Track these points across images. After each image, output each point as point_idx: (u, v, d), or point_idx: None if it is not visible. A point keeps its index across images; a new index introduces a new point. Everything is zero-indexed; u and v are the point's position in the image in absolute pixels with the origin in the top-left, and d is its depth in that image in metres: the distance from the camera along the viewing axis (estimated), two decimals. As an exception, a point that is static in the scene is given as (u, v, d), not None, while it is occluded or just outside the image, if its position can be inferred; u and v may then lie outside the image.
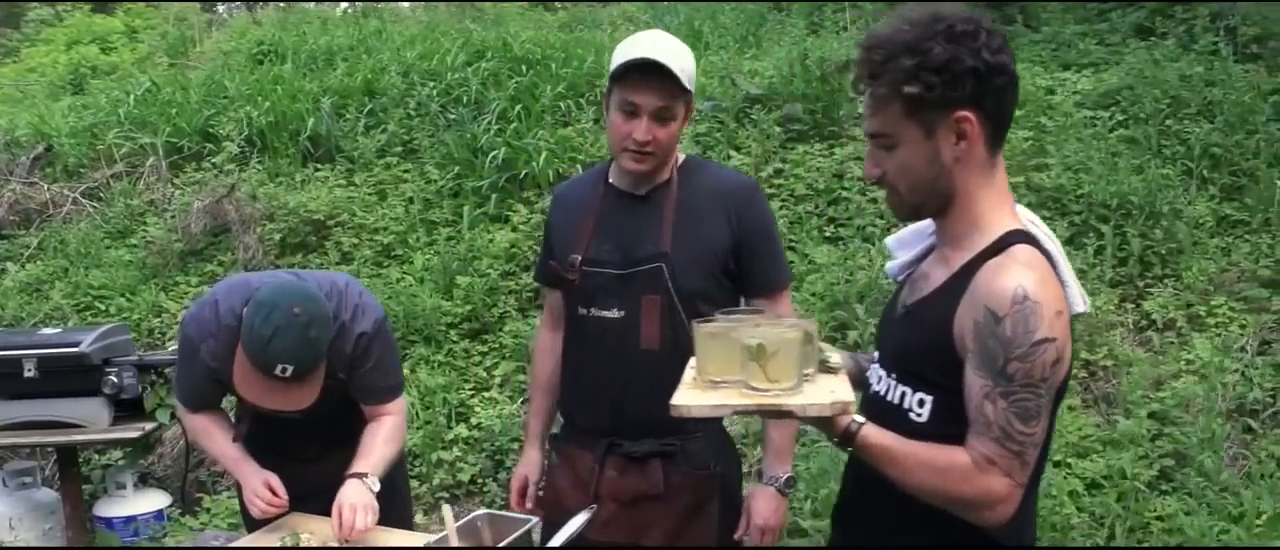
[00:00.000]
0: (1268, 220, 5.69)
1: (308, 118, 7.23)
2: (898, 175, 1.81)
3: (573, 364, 2.72)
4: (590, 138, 6.66)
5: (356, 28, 9.94)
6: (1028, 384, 1.66)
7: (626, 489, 2.59)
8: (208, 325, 2.68)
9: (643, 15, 10.48)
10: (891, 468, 1.75)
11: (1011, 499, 1.70)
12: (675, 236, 2.53)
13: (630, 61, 2.41)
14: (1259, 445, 4.38)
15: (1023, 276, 1.68)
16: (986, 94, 1.74)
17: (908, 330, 1.89)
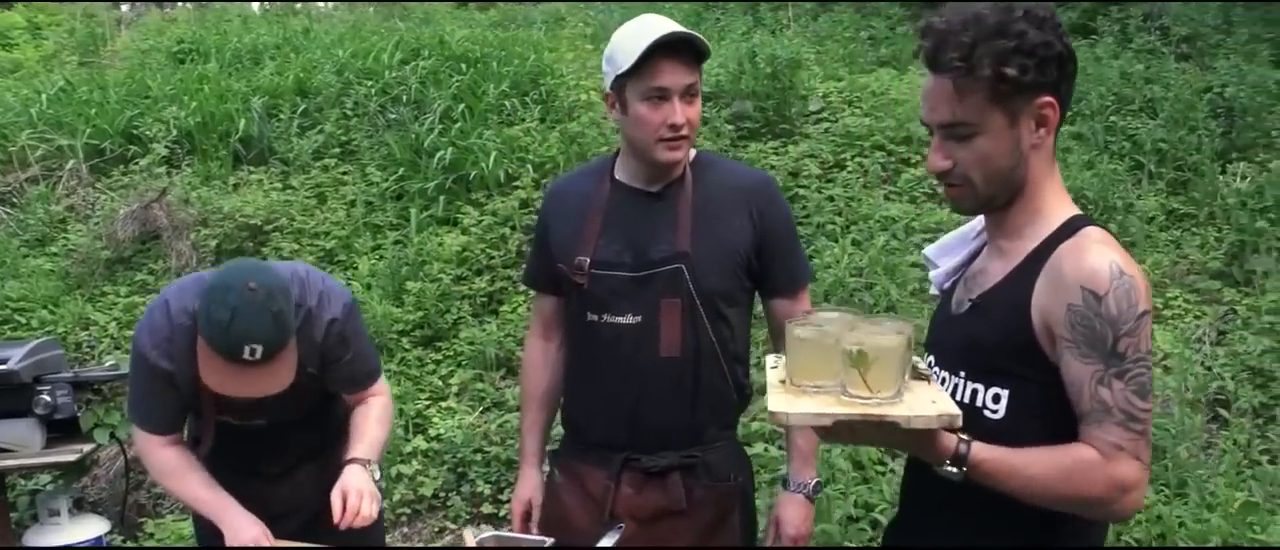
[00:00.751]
0: (1212, 213, 5.79)
1: (238, 119, 6.95)
2: (974, 165, 1.73)
3: (581, 375, 2.53)
4: (538, 137, 6.50)
5: (281, 26, 9.62)
6: (1138, 358, 1.61)
7: (645, 506, 2.43)
8: (160, 330, 2.44)
9: (575, 15, 10.34)
10: (1011, 481, 1.64)
11: (1142, 484, 1.62)
12: (695, 235, 2.37)
13: (655, 43, 2.25)
14: (1227, 434, 4.41)
15: (1111, 254, 1.64)
16: (1063, 80, 1.71)
17: (976, 324, 1.80)
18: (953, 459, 1.63)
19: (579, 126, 6.47)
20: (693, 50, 2.31)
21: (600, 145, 6.39)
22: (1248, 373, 4.69)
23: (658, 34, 2.26)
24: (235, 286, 2.26)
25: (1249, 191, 5.72)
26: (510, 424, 4.73)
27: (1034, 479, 1.63)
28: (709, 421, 2.46)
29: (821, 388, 1.69)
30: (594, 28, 9.12)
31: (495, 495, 4.55)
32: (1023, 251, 1.75)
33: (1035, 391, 1.69)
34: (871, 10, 9.27)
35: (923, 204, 6.00)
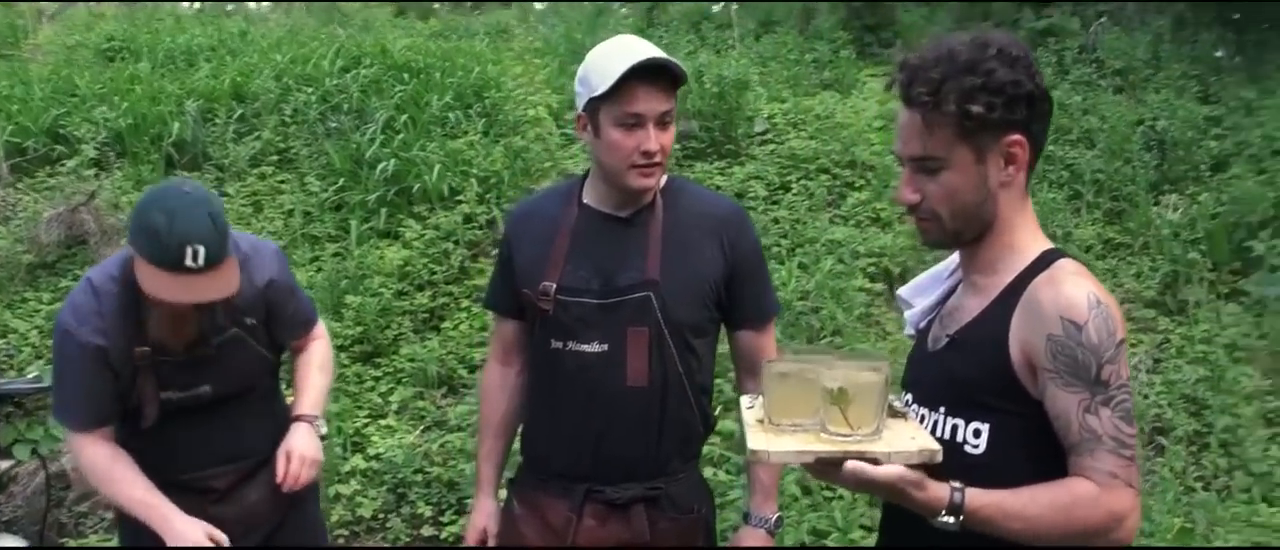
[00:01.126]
0: (1146, 243, 5.93)
1: (171, 121, 6.76)
2: (941, 200, 1.73)
3: (544, 403, 2.45)
4: (482, 152, 6.42)
5: (215, 28, 9.42)
6: (1121, 385, 1.61)
7: (608, 538, 2.37)
8: (85, 305, 2.32)
9: (519, 25, 10.30)
10: (1011, 525, 1.61)
11: (1136, 510, 1.60)
12: (664, 263, 2.32)
13: (631, 69, 2.19)
14: (1163, 462, 4.49)
15: (1088, 284, 1.65)
16: (1035, 119, 1.70)
17: (954, 360, 1.79)
18: (948, 508, 1.59)
19: (524, 142, 6.41)
20: (670, 76, 2.26)
21: (545, 161, 6.35)
22: (1182, 401, 4.79)
23: (636, 58, 2.20)
24: (169, 192, 2.21)
25: (1181, 223, 5.87)
26: (452, 444, 4.64)
27: (1034, 519, 1.60)
28: (673, 453, 2.41)
29: (800, 426, 1.67)
30: (540, 41, 9.06)
31: (436, 517, 4.46)
32: (998, 286, 1.74)
33: (1016, 425, 1.69)
34: (815, 33, 9.36)
35: (867, 228, 6.06)
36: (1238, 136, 6.85)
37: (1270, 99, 7.47)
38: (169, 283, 2.17)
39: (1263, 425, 4.86)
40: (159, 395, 2.40)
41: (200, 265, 2.16)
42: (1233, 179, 6.26)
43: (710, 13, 11.57)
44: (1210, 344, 5.03)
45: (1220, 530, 4.11)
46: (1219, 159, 6.60)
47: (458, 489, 4.46)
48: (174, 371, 2.41)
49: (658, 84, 2.24)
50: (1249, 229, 5.82)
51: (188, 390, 2.44)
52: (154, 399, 2.41)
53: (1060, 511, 1.59)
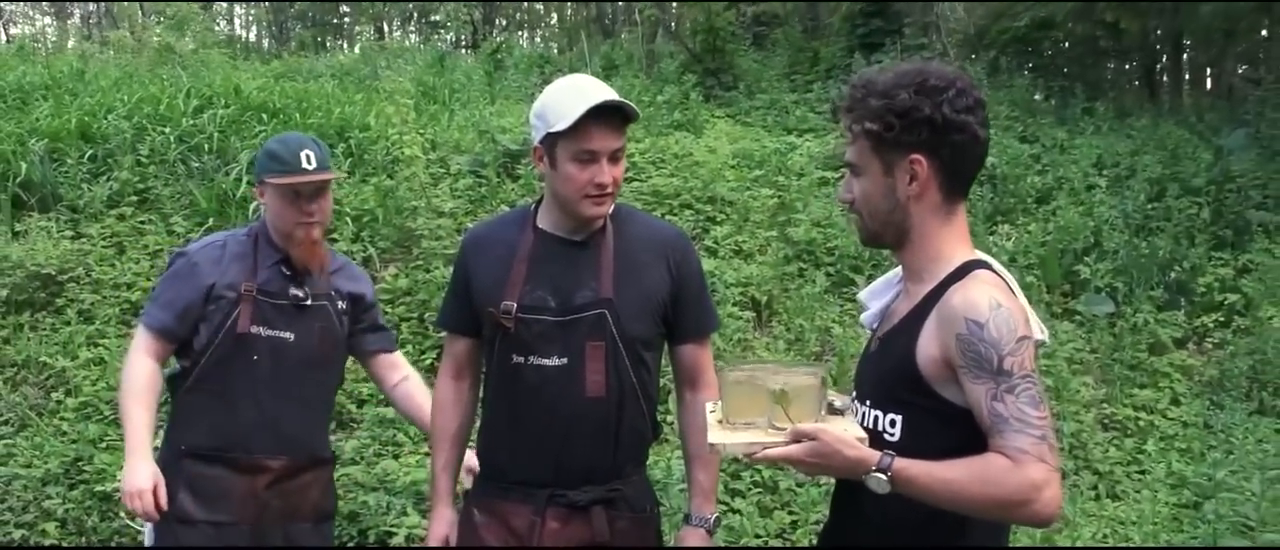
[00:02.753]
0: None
1: (16, 161, 6.48)
2: (861, 202, 1.98)
3: (504, 415, 2.57)
4: (352, 191, 6.43)
5: (46, 67, 9.05)
6: (1024, 375, 1.77)
7: (570, 539, 2.50)
8: (209, 244, 2.92)
9: (363, 67, 10.28)
10: (933, 486, 1.80)
11: (1053, 483, 1.75)
12: (617, 282, 2.49)
13: (589, 110, 2.36)
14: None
15: (992, 291, 1.82)
16: (943, 145, 1.87)
17: (880, 358, 2.01)
18: (878, 466, 1.79)
19: (394, 181, 6.45)
20: (622, 115, 2.44)
21: (415, 200, 6.40)
22: (1032, 411, 5.23)
23: (593, 101, 2.37)
24: (277, 136, 3.00)
25: (1016, 250, 6.39)
26: (350, 477, 4.64)
27: (954, 482, 1.77)
28: (627, 458, 2.57)
29: (752, 424, 1.91)
30: (409, 82, 9.05)
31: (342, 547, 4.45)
32: (921, 293, 1.94)
33: (921, 416, 1.88)
34: (660, 76, 9.71)
35: (732, 259, 6.35)
36: (1057, 172, 7.50)
37: (1079, 138, 8.22)
38: (295, 183, 2.79)
39: (1101, 429, 5.37)
40: (252, 326, 2.82)
41: (314, 167, 2.82)
42: (1056, 210, 6.86)
43: (552, 57, 11.83)
44: (1052, 358, 5.51)
45: (1078, 521, 4.53)
46: (1043, 192, 7.22)
47: (359, 521, 4.47)
48: (271, 311, 2.85)
49: (612, 123, 2.41)
50: (1074, 254, 6.41)
51: (275, 329, 2.85)
52: (247, 325, 2.82)
53: (977, 477, 1.76)
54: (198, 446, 2.83)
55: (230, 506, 2.82)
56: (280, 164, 2.83)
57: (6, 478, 4.72)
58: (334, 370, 3.06)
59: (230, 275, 2.84)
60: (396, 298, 5.76)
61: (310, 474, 2.95)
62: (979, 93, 1.92)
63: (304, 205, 2.85)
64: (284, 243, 2.88)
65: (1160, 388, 5.71)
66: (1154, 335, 5.95)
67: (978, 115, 1.89)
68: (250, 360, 2.84)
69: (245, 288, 2.83)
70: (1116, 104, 10.29)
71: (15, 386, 5.30)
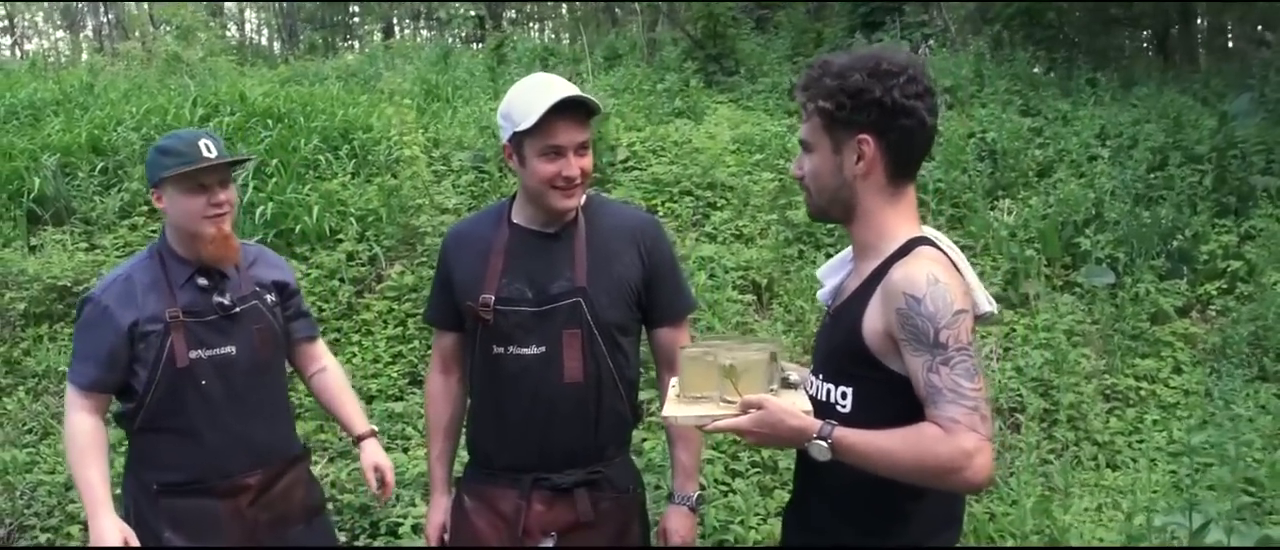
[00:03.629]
0: (987, 244, 6.47)
1: (30, 177, 6.63)
2: (810, 178, 2.07)
3: (489, 404, 2.68)
4: (356, 192, 6.54)
5: (56, 83, 9.20)
6: (960, 348, 1.87)
7: (557, 521, 2.61)
8: (114, 281, 2.75)
9: (368, 68, 10.38)
10: (870, 453, 1.91)
11: (984, 452, 1.84)
12: (590, 271, 2.58)
13: (551, 108, 2.44)
14: (1020, 438, 4.95)
15: (930, 266, 1.92)
16: (890, 128, 1.97)
17: (830, 332, 2.13)
18: (819, 434, 1.91)
19: (398, 181, 6.55)
20: (585, 109, 2.52)
21: (419, 198, 6.49)
22: (1032, 383, 5.29)
23: (555, 98, 2.45)
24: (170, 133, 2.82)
25: (1016, 224, 6.43)
26: (361, 470, 4.74)
27: (891, 450, 1.88)
28: (609, 441, 2.67)
29: (706, 397, 2.03)
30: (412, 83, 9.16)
31: (350, 544, 4.55)
32: (868, 270, 2.03)
33: (870, 388, 1.99)
34: (662, 64, 9.77)
35: (732, 244, 6.42)
36: (1058, 144, 7.52)
37: (1083, 109, 8.22)
38: (198, 169, 2.64)
39: (1101, 400, 5.41)
40: (189, 352, 2.70)
41: (215, 155, 2.67)
42: (1057, 183, 6.89)
43: (556, 48, 11.90)
44: (1052, 331, 5.55)
45: (1075, 491, 4.58)
46: (1044, 165, 7.24)
47: (369, 513, 4.57)
48: (203, 331, 2.73)
49: (575, 117, 2.50)
50: (1075, 226, 6.44)
51: (215, 349, 2.74)
52: (185, 356, 2.70)
53: (912, 445, 1.86)
54: (171, 483, 2.72)
55: (218, 534, 2.74)
56: (177, 157, 2.66)
57: (32, 484, 4.86)
58: (282, 366, 2.99)
59: (149, 307, 2.69)
60: (402, 295, 5.86)
61: (289, 476, 2.88)
62: (929, 82, 2.01)
63: (211, 196, 2.69)
64: (192, 245, 2.73)
65: (1162, 357, 5.73)
66: (1155, 305, 5.98)
67: (926, 102, 1.99)
68: (199, 387, 2.72)
69: (170, 315, 2.69)
70: (1123, 74, 10.27)
71: (36, 396, 5.44)
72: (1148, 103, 8.80)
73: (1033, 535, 4.25)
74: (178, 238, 2.74)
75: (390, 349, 5.60)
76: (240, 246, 2.84)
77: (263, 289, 2.86)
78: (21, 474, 4.92)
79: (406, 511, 4.42)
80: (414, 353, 5.54)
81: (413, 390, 5.42)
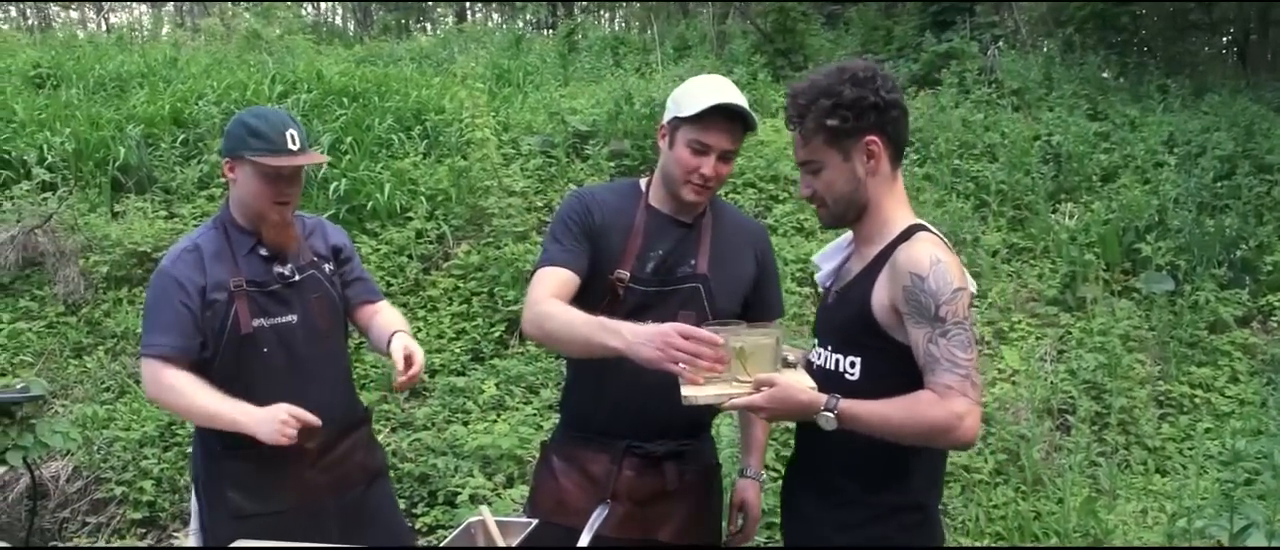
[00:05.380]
0: (1047, 248, 6.48)
1: (115, 146, 6.90)
2: (825, 191, 2.29)
3: (592, 370, 2.74)
4: (427, 171, 6.71)
5: (142, 56, 9.51)
6: (957, 322, 2.10)
7: (643, 488, 2.74)
8: (183, 252, 2.77)
9: (441, 51, 10.57)
10: (871, 418, 2.13)
11: (973, 415, 2.09)
12: (713, 262, 2.74)
13: (713, 106, 2.57)
14: (1070, 439, 4.99)
15: (933, 248, 2.15)
16: (887, 122, 2.23)
17: (839, 308, 2.33)
18: (825, 406, 2.14)
19: (468, 162, 6.71)
20: (743, 122, 2.65)
21: (488, 180, 6.64)
22: (1085, 386, 5.31)
23: (721, 99, 2.59)
24: (250, 110, 2.82)
25: (1077, 228, 6.43)
26: (422, 442, 4.92)
27: (889, 415, 2.11)
28: (698, 417, 2.82)
29: (720, 378, 2.23)
30: (484, 67, 9.33)
31: (409, 510, 4.73)
32: (873, 253, 2.26)
33: (878, 358, 2.21)
34: (730, 57, 9.84)
35: (793, 237, 6.50)
36: (1124, 150, 7.48)
37: (1151, 116, 8.16)
38: (278, 163, 2.70)
39: (1155, 406, 5.42)
40: (252, 320, 2.76)
41: (298, 147, 2.74)
42: (1121, 188, 6.87)
43: (626, 37, 12.01)
44: (1106, 335, 5.56)
45: (1122, 494, 4.62)
46: (1108, 170, 7.22)
47: (429, 482, 4.74)
48: (265, 300, 2.79)
49: (731, 125, 2.63)
50: (1136, 232, 6.42)
51: (276, 317, 2.80)
52: (247, 323, 2.76)
53: (908, 409, 2.11)
54: (234, 446, 2.75)
55: (283, 496, 2.80)
56: (264, 142, 2.70)
57: (109, 439, 5.11)
58: (342, 333, 3.02)
59: (215, 275, 2.74)
60: (468, 274, 6.03)
61: (349, 439, 2.93)
62: (892, 74, 2.29)
63: (283, 187, 2.76)
64: (253, 222, 2.80)
65: (1219, 366, 5.72)
66: (1215, 313, 5.96)
67: (900, 92, 2.26)
68: (261, 354, 2.78)
69: (234, 284, 2.75)
70: (1196, 81, 10.14)
71: (115, 356, 5.69)
72: (1219, 110, 8.69)
73: (1075, 535, 4.31)
74: (242, 211, 2.81)
75: (454, 326, 5.77)
76: (298, 234, 2.88)
77: (320, 258, 2.92)
78: (99, 429, 5.17)
79: (464, 481, 4.58)
80: (477, 330, 5.70)
81: (474, 366, 5.58)
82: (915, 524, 2.30)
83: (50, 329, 5.83)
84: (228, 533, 2.68)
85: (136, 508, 4.83)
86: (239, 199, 2.80)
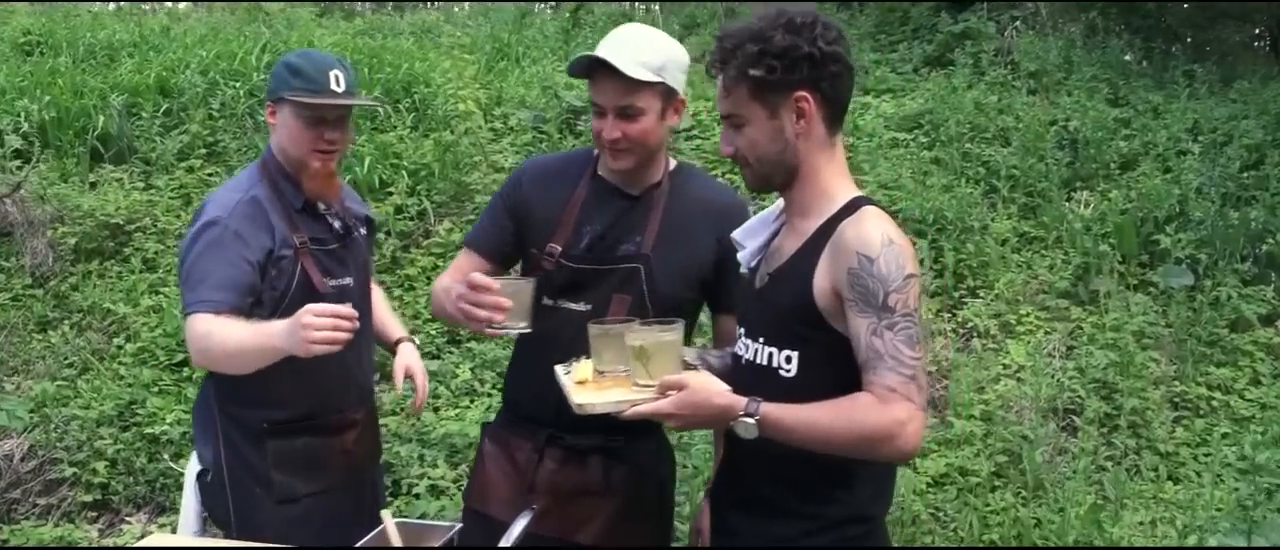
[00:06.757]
0: (1060, 237, 6.16)
1: (96, 115, 6.67)
2: (748, 150, 1.99)
3: (527, 353, 2.57)
4: (412, 145, 6.47)
5: (137, 24, 9.30)
6: (906, 313, 1.82)
7: (565, 482, 2.48)
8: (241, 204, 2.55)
9: (444, 24, 10.31)
10: (799, 428, 1.84)
11: (916, 422, 1.81)
12: (659, 241, 2.45)
13: (576, 60, 2.34)
14: (1076, 441, 4.70)
15: (884, 226, 1.87)
16: (822, 78, 1.93)
17: (772, 295, 2.02)
18: (745, 411, 1.85)
19: (454, 136, 6.46)
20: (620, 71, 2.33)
21: (474, 155, 6.40)
22: (1094, 385, 5.01)
23: (591, 52, 2.33)
24: (295, 52, 2.67)
25: (1092, 217, 6.11)
26: (387, 428, 4.68)
27: (817, 423, 1.84)
28: None
29: (616, 373, 2.04)
30: (470, 37, 9.09)
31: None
32: (810, 229, 1.97)
33: (820, 351, 1.92)
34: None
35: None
36: (1145, 137, 7.14)
37: (1175, 102, 7.81)
38: (319, 101, 2.53)
39: (1168, 408, 5.11)
40: (326, 280, 2.59)
41: (342, 88, 2.56)
42: (1140, 177, 6.54)
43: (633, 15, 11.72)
44: (1119, 332, 5.25)
45: (1129, 504, 4.32)
46: (1128, 158, 6.88)
47: (392, 470, 4.50)
48: (328, 260, 2.63)
49: (611, 78, 2.32)
50: (1155, 223, 6.09)
51: (338, 279, 2.64)
52: (322, 282, 2.58)
53: (844, 416, 1.82)
54: (281, 421, 2.59)
55: (329, 473, 2.65)
56: (305, 81, 2.53)
57: (66, 418, 4.89)
58: (370, 301, 2.86)
59: (280, 231, 2.54)
60: (448, 252, 5.77)
61: (374, 411, 2.89)
62: (838, 25, 1.96)
63: (325, 132, 2.56)
64: (294, 171, 2.60)
65: (1239, 367, 5.39)
66: (1237, 310, 5.62)
67: (843, 45, 1.97)
68: None
69: (299, 242, 2.56)
70: (1225, 68, 9.75)
71: (81, 332, 5.48)
72: (1249, 97, 8.31)
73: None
74: (284, 158, 2.63)
75: (430, 306, 5.52)
76: (341, 186, 2.73)
77: (358, 221, 2.78)
78: (58, 407, 4.95)
79: (424, 472, 4.34)
80: (456, 311, 5.46)
81: (450, 349, 5.34)
82: (860, 538, 1.99)
83: (15, 302, 5.61)
84: (270, 519, 2.56)
85: (88, 490, 4.60)
86: (279, 146, 2.63)
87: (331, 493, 2.65)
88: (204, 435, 2.70)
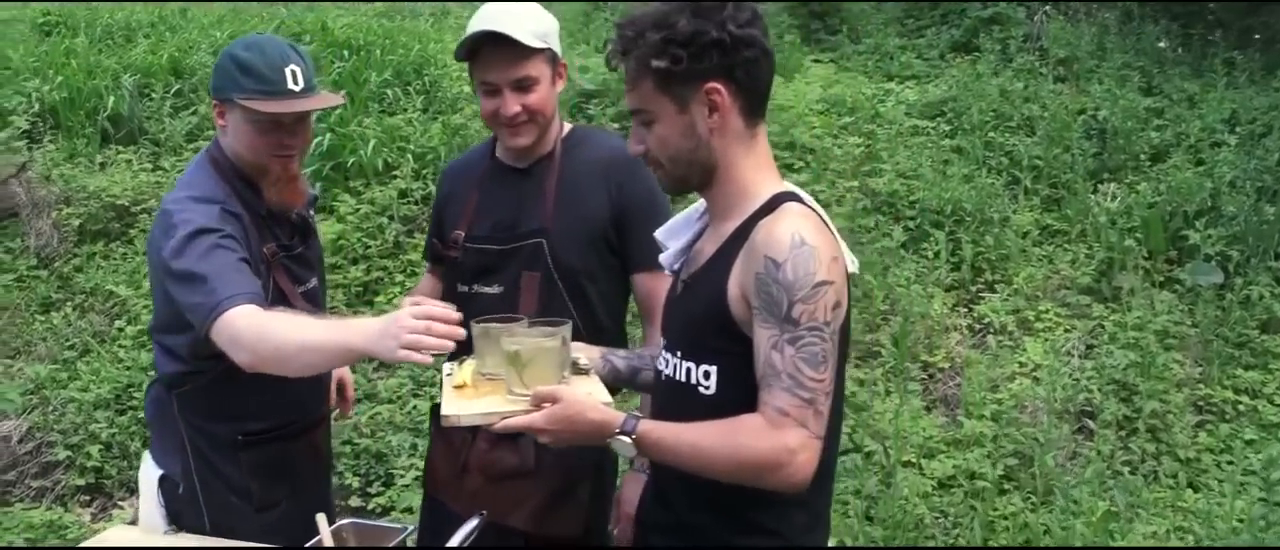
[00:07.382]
0: (1084, 231, 5.96)
1: (107, 96, 6.64)
2: (659, 149, 1.81)
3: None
4: (419, 128, 6.37)
5: (156, 6, 9.26)
6: (813, 327, 1.64)
7: (495, 463, 2.43)
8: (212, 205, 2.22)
9: (464, 11, 10.19)
10: (680, 449, 1.70)
11: (809, 450, 1.64)
12: (557, 211, 2.42)
13: (467, 38, 2.29)
14: (1092, 445, 4.52)
15: (798, 224, 1.68)
16: (736, 65, 1.74)
17: (688, 304, 1.87)
18: (621, 429, 1.71)
19: (462, 118, 6.37)
20: (512, 42, 2.27)
21: (483, 136, 6.29)
22: (1113, 386, 4.82)
23: (474, 29, 2.29)
24: (245, 38, 2.33)
25: (1119, 211, 5.90)
26: (381, 416, 4.61)
27: (699, 445, 1.67)
28: None
29: (496, 377, 1.88)
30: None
31: (364, 488, 4.40)
32: (730, 229, 1.79)
33: (739, 365, 1.72)
34: (763, 19, 9.36)
35: (807, 211, 6.05)
36: (1178, 127, 6.90)
37: (1212, 91, 7.55)
38: (274, 109, 2.20)
39: (1192, 412, 4.91)
40: (296, 289, 2.39)
41: (300, 87, 2.24)
42: (1171, 169, 6.31)
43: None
44: (1142, 330, 5.06)
45: (1144, 513, 4.14)
46: (1159, 149, 6.65)
47: (385, 460, 4.43)
48: (295, 265, 2.43)
49: (502, 52, 2.29)
50: (1185, 218, 5.87)
51: (304, 284, 2.46)
52: (295, 294, 2.38)
53: (728, 440, 1.65)
54: (255, 432, 2.40)
55: (301, 473, 2.53)
56: (257, 81, 2.20)
57: (64, 400, 4.84)
58: None
59: (252, 237, 2.30)
60: (453, 239, 5.68)
61: None
62: (753, 4, 1.75)
63: (282, 138, 2.27)
64: (252, 175, 2.32)
65: (1270, 370, 5.16)
66: (1269, 311, 5.39)
67: (759, 26, 1.76)
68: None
69: (268, 252, 2.33)
70: (1269, 56, 9.43)
71: (83, 313, 5.44)
72: (1290, 87, 8.03)
73: (1085, 555, 3.86)
74: (240, 162, 2.32)
75: (432, 293, 5.43)
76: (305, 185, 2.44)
77: (308, 207, 2.51)
78: (57, 389, 4.92)
79: (413, 463, 4.26)
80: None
81: (449, 338, 5.24)
82: None
83: (19, 283, 5.58)
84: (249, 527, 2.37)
85: (82, 474, 4.56)
86: (234, 150, 2.31)
87: (305, 491, 2.54)
88: (166, 446, 2.46)
